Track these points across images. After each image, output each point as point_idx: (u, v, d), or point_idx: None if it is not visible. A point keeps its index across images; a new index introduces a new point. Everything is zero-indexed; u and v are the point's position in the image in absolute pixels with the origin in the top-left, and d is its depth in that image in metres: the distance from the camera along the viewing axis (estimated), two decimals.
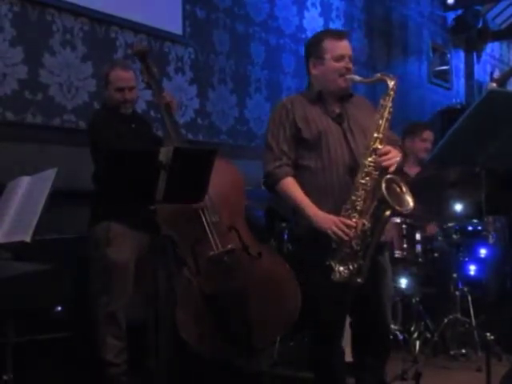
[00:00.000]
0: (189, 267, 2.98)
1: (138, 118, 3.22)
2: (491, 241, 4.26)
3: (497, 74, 9.80)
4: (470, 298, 3.73)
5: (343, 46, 2.53)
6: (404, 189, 2.39)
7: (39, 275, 2.21)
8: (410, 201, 2.38)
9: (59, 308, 2.90)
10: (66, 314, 2.91)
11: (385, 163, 2.37)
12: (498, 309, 4.10)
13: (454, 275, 3.73)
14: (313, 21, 5.70)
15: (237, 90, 4.88)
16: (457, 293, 3.69)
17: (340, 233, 2.34)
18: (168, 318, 2.93)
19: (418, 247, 3.62)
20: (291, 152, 2.51)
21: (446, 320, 3.61)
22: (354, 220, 2.36)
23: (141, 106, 3.84)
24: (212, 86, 4.67)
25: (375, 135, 2.40)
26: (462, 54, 8.80)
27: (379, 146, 2.38)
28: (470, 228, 3.88)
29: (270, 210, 4.17)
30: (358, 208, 2.37)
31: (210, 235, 2.98)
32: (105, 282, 2.96)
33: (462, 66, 8.80)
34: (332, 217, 2.38)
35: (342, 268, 2.36)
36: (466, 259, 3.90)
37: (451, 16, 8.33)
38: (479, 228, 3.94)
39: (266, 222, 4.27)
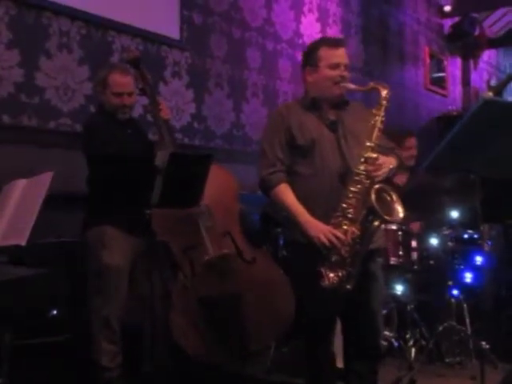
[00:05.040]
0: (184, 272, 2.98)
1: (133, 123, 3.21)
2: (487, 248, 4.26)
3: (493, 82, 9.84)
4: (465, 306, 3.73)
5: (339, 55, 2.55)
6: (394, 198, 2.41)
7: (35, 279, 2.20)
8: (399, 210, 2.40)
9: (54, 312, 2.88)
10: (62, 318, 2.90)
11: (374, 173, 2.40)
12: (493, 317, 4.10)
13: (450, 283, 3.73)
14: (310, 26, 5.71)
15: (233, 94, 4.88)
16: (452, 300, 3.69)
17: (326, 242, 2.37)
18: (163, 323, 2.92)
19: (414, 254, 3.62)
20: (285, 158, 2.53)
21: (441, 328, 3.60)
22: (344, 227, 2.38)
23: (138, 110, 3.83)
24: (208, 90, 4.67)
25: (367, 144, 2.42)
26: (458, 61, 8.83)
27: (372, 155, 2.40)
28: (465, 236, 3.88)
29: (266, 214, 4.16)
30: (349, 216, 2.41)
31: (205, 240, 2.98)
32: (99, 285, 2.94)
33: (458, 73, 8.83)
34: (322, 226, 2.41)
35: (331, 274, 2.39)
36: (462, 267, 3.90)
37: (448, 23, 8.36)
38: (475, 236, 3.94)
39: (261, 226, 4.26)
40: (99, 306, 2.94)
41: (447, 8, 8.14)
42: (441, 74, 8.29)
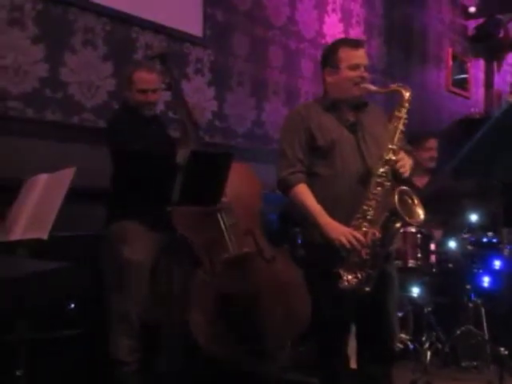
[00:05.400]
0: (203, 268, 3.00)
1: (157, 120, 3.24)
2: (506, 253, 4.23)
3: None
4: (483, 310, 3.71)
5: (359, 55, 2.54)
6: (416, 201, 2.42)
7: (55, 273, 2.23)
8: (420, 213, 2.41)
9: (72, 305, 2.91)
10: (80, 312, 2.93)
11: (401, 169, 2.40)
12: (511, 322, 4.06)
13: (468, 287, 3.71)
14: (333, 26, 5.69)
15: (255, 93, 4.89)
16: (470, 304, 3.68)
17: (348, 245, 2.36)
18: (180, 321, 2.94)
19: (433, 257, 3.60)
20: (305, 159, 2.53)
21: (458, 331, 3.59)
22: (364, 229, 2.38)
23: (159, 107, 3.85)
24: (230, 88, 4.68)
25: (389, 146, 2.42)
26: (481, 63, 8.74)
27: (393, 157, 2.40)
28: (484, 240, 3.86)
29: (284, 214, 4.17)
30: (369, 218, 2.40)
31: (226, 237, 2.99)
32: (119, 280, 2.97)
33: (481, 75, 8.74)
34: (342, 228, 2.41)
35: (350, 276, 2.39)
36: (480, 271, 3.87)
37: (472, 24, 8.28)
38: (494, 240, 3.91)
39: (279, 226, 4.27)
40: (119, 300, 2.96)
41: (472, 9, 8.06)
42: (463, 76, 8.21)
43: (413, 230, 3.52)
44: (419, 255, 3.53)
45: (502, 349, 3.18)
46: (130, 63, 3.41)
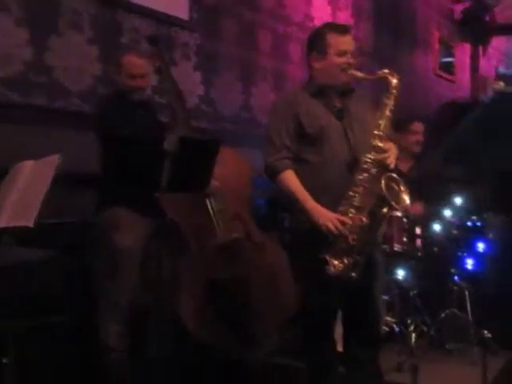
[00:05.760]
0: (193, 253, 3.00)
1: (146, 104, 3.22)
2: (490, 236, 4.28)
3: (502, 69, 9.76)
4: (467, 293, 3.76)
5: (346, 41, 2.54)
6: (402, 187, 2.43)
7: (42, 262, 2.22)
8: (406, 199, 2.42)
9: (60, 292, 2.90)
10: (68, 299, 2.93)
11: (387, 160, 2.40)
12: (495, 303, 4.12)
13: (452, 270, 3.76)
14: (320, 9, 5.67)
15: (242, 77, 4.86)
16: (454, 288, 3.73)
17: (334, 230, 2.37)
18: (170, 306, 2.95)
19: (418, 241, 3.63)
20: (292, 146, 2.53)
21: (442, 314, 3.64)
22: (351, 215, 2.39)
23: (146, 91, 3.82)
24: (217, 72, 4.65)
25: (376, 132, 2.42)
26: (467, 48, 8.76)
27: (380, 144, 2.41)
28: (469, 224, 3.89)
29: (272, 199, 4.18)
30: (356, 204, 2.42)
31: (214, 223, 3.00)
32: (110, 267, 2.97)
33: (467, 59, 8.76)
34: (329, 213, 2.42)
35: (336, 262, 2.41)
36: (465, 254, 3.92)
37: (459, 8, 8.28)
38: (478, 224, 3.95)
39: (267, 211, 4.28)
40: (109, 286, 2.96)
41: None
42: (449, 59, 8.22)
43: (399, 214, 3.54)
44: (405, 239, 3.56)
45: (486, 331, 3.23)
46: (118, 47, 3.37)
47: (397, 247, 3.56)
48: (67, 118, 3.60)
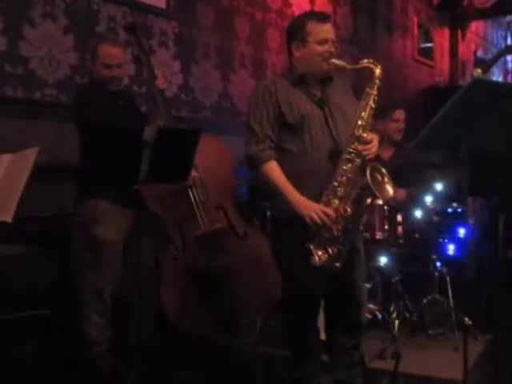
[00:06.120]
0: (175, 244, 2.99)
1: (124, 94, 3.18)
2: (471, 221, 4.32)
3: (480, 53, 9.82)
4: (448, 279, 3.79)
5: (327, 30, 2.52)
6: (385, 178, 2.44)
7: (21, 258, 2.19)
8: (389, 189, 2.43)
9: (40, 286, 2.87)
10: (49, 291, 2.90)
11: (365, 152, 2.41)
12: (475, 288, 4.17)
13: (434, 256, 3.79)
14: None
15: (221, 65, 4.82)
16: (436, 273, 3.76)
17: (318, 221, 2.37)
18: (151, 295, 2.94)
19: (399, 228, 3.65)
20: (274, 135, 2.51)
21: (424, 300, 3.67)
22: (334, 206, 2.39)
23: (124, 81, 3.77)
24: (196, 61, 4.61)
25: (359, 123, 2.42)
26: (446, 32, 8.79)
27: (363, 134, 2.40)
28: (450, 210, 3.92)
29: (253, 187, 4.17)
30: (339, 194, 2.41)
31: (197, 213, 2.98)
32: (92, 259, 2.95)
33: (446, 44, 8.79)
34: (312, 204, 2.41)
35: (320, 252, 2.40)
36: (446, 240, 3.94)
37: None
38: (459, 210, 3.97)
39: (249, 199, 4.27)
40: (92, 279, 2.95)
41: None
42: (428, 45, 8.24)
43: (380, 202, 3.55)
44: (386, 227, 3.57)
45: (466, 319, 3.26)
46: (92, 36, 3.31)
47: (378, 235, 3.57)
48: (44, 109, 3.54)
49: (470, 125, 2.18)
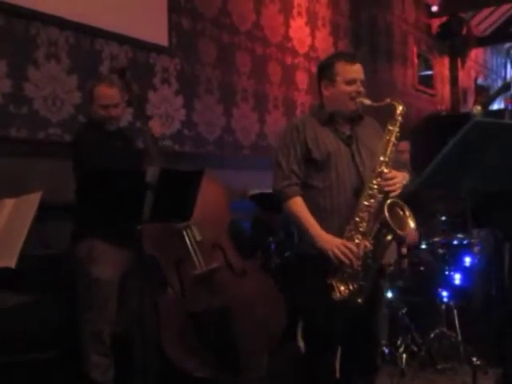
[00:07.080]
0: (173, 287, 2.98)
1: (122, 134, 3.19)
2: (476, 250, 4.29)
3: (480, 80, 9.89)
4: (455, 312, 3.75)
5: (355, 70, 2.57)
6: (407, 212, 2.44)
7: (24, 307, 2.18)
8: (411, 224, 2.43)
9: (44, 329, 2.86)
10: (52, 334, 2.89)
11: (387, 188, 2.44)
12: (483, 318, 4.13)
13: (440, 289, 3.75)
14: (299, 30, 5.70)
15: (223, 99, 4.86)
16: (443, 306, 3.72)
17: (341, 256, 2.39)
18: (153, 336, 2.91)
19: (405, 262, 3.63)
20: (300, 172, 2.55)
21: (432, 334, 3.63)
22: (356, 241, 2.41)
23: (127, 118, 3.81)
24: (198, 96, 4.65)
25: (381, 159, 2.46)
26: (446, 61, 8.86)
27: (385, 170, 2.43)
28: (455, 242, 3.90)
29: (257, 221, 4.17)
30: (361, 229, 2.44)
31: (193, 254, 2.98)
32: (89, 299, 2.93)
33: (446, 72, 8.85)
34: (335, 239, 2.43)
35: (342, 288, 2.42)
36: (452, 272, 3.92)
37: (436, 23, 8.38)
38: (465, 242, 3.96)
39: (252, 234, 4.26)
40: (90, 319, 2.92)
41: (434, 8, 8.17)
42: (428, 73, 8.31)
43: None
44: (392, 261, 3.55)
45: (475, 359, 3.22)
46: (94, 77, 3.34)
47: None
48: (48, 148, 3.57)
49: (471, 164, 2.19)
